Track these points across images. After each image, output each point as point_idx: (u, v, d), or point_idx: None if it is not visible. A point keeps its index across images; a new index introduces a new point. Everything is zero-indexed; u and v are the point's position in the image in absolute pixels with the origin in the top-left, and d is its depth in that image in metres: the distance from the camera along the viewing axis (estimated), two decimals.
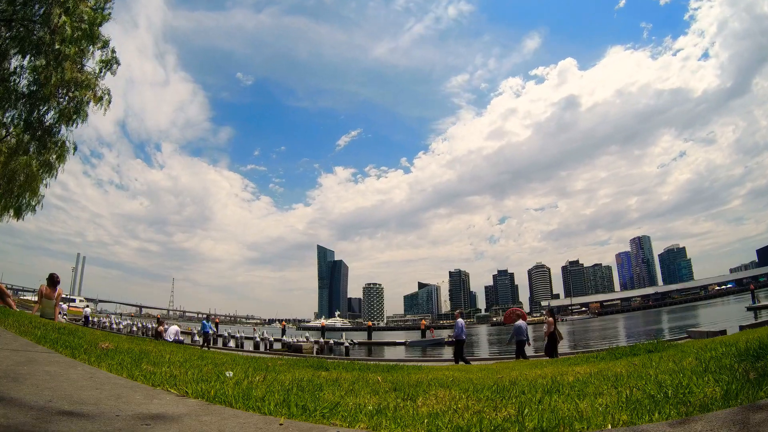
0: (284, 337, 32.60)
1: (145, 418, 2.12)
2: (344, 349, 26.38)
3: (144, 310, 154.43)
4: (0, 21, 11.41)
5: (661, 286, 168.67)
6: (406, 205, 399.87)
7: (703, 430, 1.65)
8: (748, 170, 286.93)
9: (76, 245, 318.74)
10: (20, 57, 12.11)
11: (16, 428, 1.74)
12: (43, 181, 14.85)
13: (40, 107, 12.84)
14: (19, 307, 9.05)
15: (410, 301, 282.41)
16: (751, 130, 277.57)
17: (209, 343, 21.35)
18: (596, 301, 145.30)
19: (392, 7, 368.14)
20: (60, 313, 10.98)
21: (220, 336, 34.03)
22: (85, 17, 12.01)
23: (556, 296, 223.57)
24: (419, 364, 10.57)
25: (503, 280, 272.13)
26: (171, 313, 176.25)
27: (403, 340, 34.01)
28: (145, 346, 6.68)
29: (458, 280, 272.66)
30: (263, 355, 13.02)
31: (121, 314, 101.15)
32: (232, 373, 3.89)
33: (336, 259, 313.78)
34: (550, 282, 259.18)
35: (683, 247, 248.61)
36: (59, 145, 14.13)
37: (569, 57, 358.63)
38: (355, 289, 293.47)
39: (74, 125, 13.44)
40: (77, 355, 3.83)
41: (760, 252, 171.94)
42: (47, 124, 13.30)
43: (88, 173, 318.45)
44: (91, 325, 33.57)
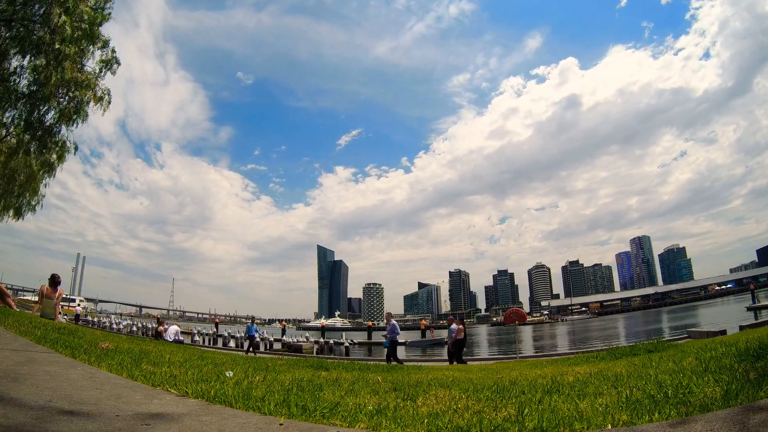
0: (284, 337, 32.62)
1: (145, 417, 2.12)
2: (344, 349, 26.39)
3: (144, 310, 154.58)
4: (0, 21, 11.41)
5: (661, 286, 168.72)
6: (407, 205, 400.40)
7: (703, 430, 1.65)
8: (749, 170, 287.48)
9: (76, 245, 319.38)
10: (20, 57, 12.12)
11: (16, 428, 1.74)
12: (43, 181, 14.89)
13: (41, 107, 12.85)
14: (19, 307, 9.05)
15: (410, 301, 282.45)
16: (752, 130, 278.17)
17: (255, 349, 17.18)
18: (596, 301, 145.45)
19: (393, 6, 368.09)
20: (60, 313, 10.98)
21: (220, 336, 34.08)
22: (85, 17, 12.01)
23: (556, 296, 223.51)
24: (419, 364, 10.59)
25: (503, 280, 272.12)
26: (171, 313, 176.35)
27: (403, 340, 34.02)
28: (145, 346, 6.68)
29: (458, 280, 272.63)
30: (263, 355, 13.03)
31: (121, 314, 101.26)
32: (232, 373, 3.90)
33: (336, 259, 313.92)
34: (550, 282, 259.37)
35: (683, 247, 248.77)
36: (59, 145, 14.15)
37: (570, 56, 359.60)
38: (355, 289, 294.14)
39: (74, 125, 13.49)
40: (77, 355, 3.83)
41: (760, 252, 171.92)
42: (47, 124, 13.31)
43: (88, 173, 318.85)
44: (83, 323, 33.60)
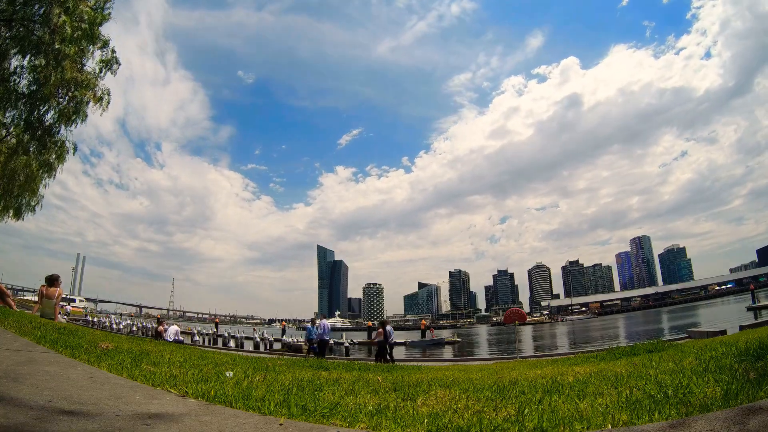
0: (284, 337, 32.60)
1: (145, 417, 2.12)
2: (344, 349, 26.40)
3: (144, 310, 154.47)
4: (0, 21, 11.40)
5: (661, 286, 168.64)
6: (407, 205, 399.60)
7: (703, 430, 1.65)
8: (750, 170, 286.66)
9: (76, 245, 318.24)
10: (20, 57, 12.12)
11: (16, 428, 1.74)
12: (43, 182, 14.87)
13: (40, 107, 12.85)
14: (19, 307, 9.05)
15: (410, 301, 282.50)
16: (753, 130, 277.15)
17: (316, 351, 14.89)
18: (596, 301, 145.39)
19: (395, 5, 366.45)
20: (60, 314, 10.98)
21: (220, 336, 34.09)
22: (85, 17, 12.01)
23: (556, 296, 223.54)
24: (419, 364, 10.59)
25: (503, 280, 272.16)
26: (171, 313, 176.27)
27: (403, 340, 34.01)
28: (145, 346, 6.68)
29: (458, 280, 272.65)
30: (263, 355, 13.02)
31: (121, 314, 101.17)
32: (232, 373, 3.90)
33: (336, 259, 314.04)
34: (550, 282, 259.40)
35: (683, 247, 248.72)
36: (59, 145, 14.14)
37: (572, 56, 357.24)
38: (355, 289, 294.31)
39: (74, 125, 13.49)
40: (77, 355, 3.83)
41: (760, 252, 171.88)
42: (47, 124, 13.31)
43: (88, 172, 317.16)
44: (83, 323, 33.60)
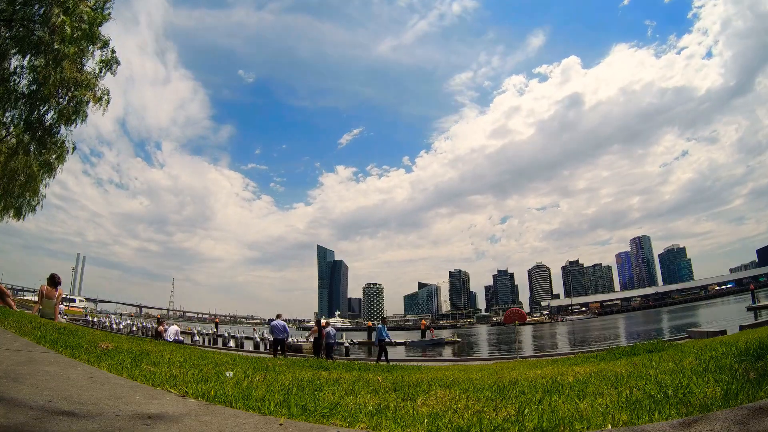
0: None
1: (145, 418, 2.12)
2: (344, 349, 26.39)
3: (144, 310, 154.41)
4: (0, 21, 11.41)
5: (661, 286, 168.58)
6: (408, 205, 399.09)
7: (703, 430, 1.65)
8: (750, 169, 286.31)
9: (76, 245, 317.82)
10: (20, 57, 12.13)
11: (16, 428, 1.74)
12: (43, 181, 14.88)
13: (40, 107, 12.86)
14: (19, 307, 9.05)
15: (410, 301, 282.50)
16: (754, 129, 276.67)
17: (386, 355, 14.44)
18: (596, 301, 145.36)
19: (396, 4, 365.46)
20: (60, 313, 10.97)
21: (220, 336, 34.09)
22: (85, 17, 12.00)
23: (556, 296, 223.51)
24: (419, 364, 10.59)
25: (503, 280, 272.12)
26: (171, 313, 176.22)
27: (403, 341, 34.00)
28: (145, 346, 6.68)
29: (458, 280, 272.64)
30: (263, 355, 13.02)
31: (121, 314, 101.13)
32: (232, 373, 3.90)
33: (336, 259, 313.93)
34: (550, 282, 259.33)
35: (683, 247, 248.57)
36: (59, 144, 14.15)
37: (573, 55, 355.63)
38: (355, 289, 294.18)
39: (74, 125, 13.49)
40: (77, 355, 3.83)
41: (760, 252, 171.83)
42: (47, 124, 13.31)
43: (88, 172, 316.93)
44: (83, 323, 33.57)
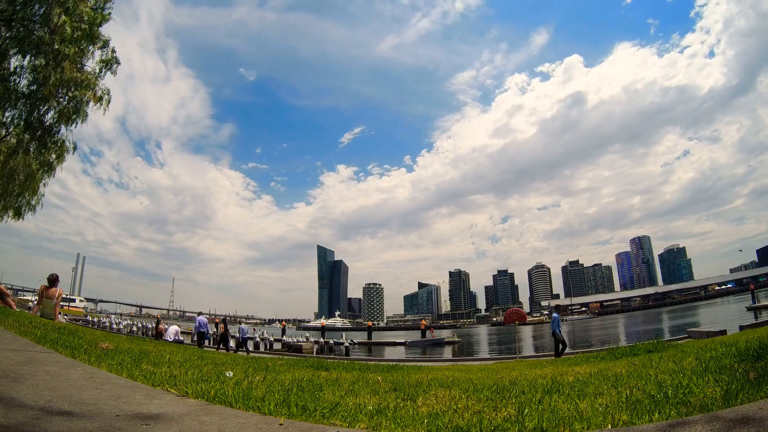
0: (284, 337, 32.58)
1: (145, 418, 2.12)
2: (344, 349, 26.36)
3: (144, 310, 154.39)
4: (0, 21, 11.41)
5: (661, 286, 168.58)
6: (409, 204, 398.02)
7: (704, 430, 1.65)
8: (752, 169, 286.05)
9: (76, 245, 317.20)
10: (20, 57, 12.12)
11: (16, 428, 1.74)
12: (43, 181, 14.88)
13: (40, 107, 12.85)
14: (19, 307, 9.05)
15: (410, 301, 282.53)
16: (756, 129, 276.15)
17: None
18: (596, 301, 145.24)
19: (398, 2, 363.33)
20: (60, 314, 10.98)
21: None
22: (85, 17, 12.01)
23: (556, 296, 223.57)
24: (419, 364, 10.59)
25: (503, 280, 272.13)
26: (171, 313, 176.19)
27: (403, 340, 34.00)
28: (145, 346, 6.68)
29: (458, 280, 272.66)
30: (263, 355, 13.03)
31: (121, 314, 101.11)
32: (232, 373, 3.90)
33: (336, 259, 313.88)
34: (550, 282, 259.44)
35: (683, 247, 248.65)
36: (59, 144, 14.15)
37: (576, 53, 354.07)
38: (356, 289, 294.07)
39: (74, 125, 13.47)
40: (77, 355, 3.83)
41: (760, 252, 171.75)
42: (47, 123, 13.30)
43: (88, 172, 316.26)
44: (83, 323, 33.54)
